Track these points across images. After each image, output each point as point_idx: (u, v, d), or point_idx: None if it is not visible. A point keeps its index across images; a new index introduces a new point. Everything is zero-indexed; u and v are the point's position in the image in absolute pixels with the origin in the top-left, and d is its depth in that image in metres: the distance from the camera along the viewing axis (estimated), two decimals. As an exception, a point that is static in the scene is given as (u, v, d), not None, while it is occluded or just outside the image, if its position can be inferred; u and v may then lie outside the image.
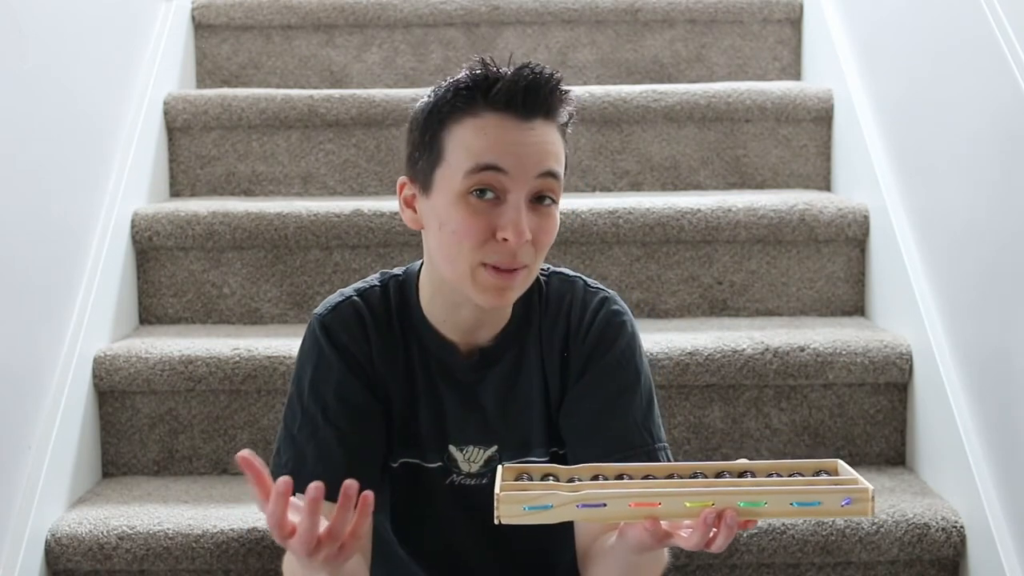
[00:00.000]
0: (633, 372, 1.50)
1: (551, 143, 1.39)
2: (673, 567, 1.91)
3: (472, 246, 1.37)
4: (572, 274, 1.56)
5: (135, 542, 1.90)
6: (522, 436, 1.52)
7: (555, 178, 1.39)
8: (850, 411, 2.17)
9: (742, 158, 2.70)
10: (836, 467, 1.25)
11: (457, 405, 1.51)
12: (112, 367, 2.15)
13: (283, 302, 2.42)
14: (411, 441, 1.52)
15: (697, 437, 2.16)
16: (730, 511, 1.18)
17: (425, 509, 1.55)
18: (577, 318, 1.51)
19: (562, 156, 1.41)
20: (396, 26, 2.98)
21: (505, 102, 1.37)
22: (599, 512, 1.20)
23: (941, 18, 2.14)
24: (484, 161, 1.36)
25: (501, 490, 1.20)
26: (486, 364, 1.51)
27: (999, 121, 1.88)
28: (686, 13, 2.97)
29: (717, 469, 1.26)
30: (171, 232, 2.39)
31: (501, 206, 1.37)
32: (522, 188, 1.37)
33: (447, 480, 1.53)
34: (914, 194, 2.24)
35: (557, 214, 1.42)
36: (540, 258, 1.42)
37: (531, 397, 1.51)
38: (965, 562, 1.91)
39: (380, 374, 1.50)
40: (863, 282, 2.43)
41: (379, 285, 1.53)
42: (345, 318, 1.50)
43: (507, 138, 1.37)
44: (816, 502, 1.17)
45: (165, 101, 2.69)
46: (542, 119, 1.39)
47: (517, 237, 1.35)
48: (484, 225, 1.37)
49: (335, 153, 2.70)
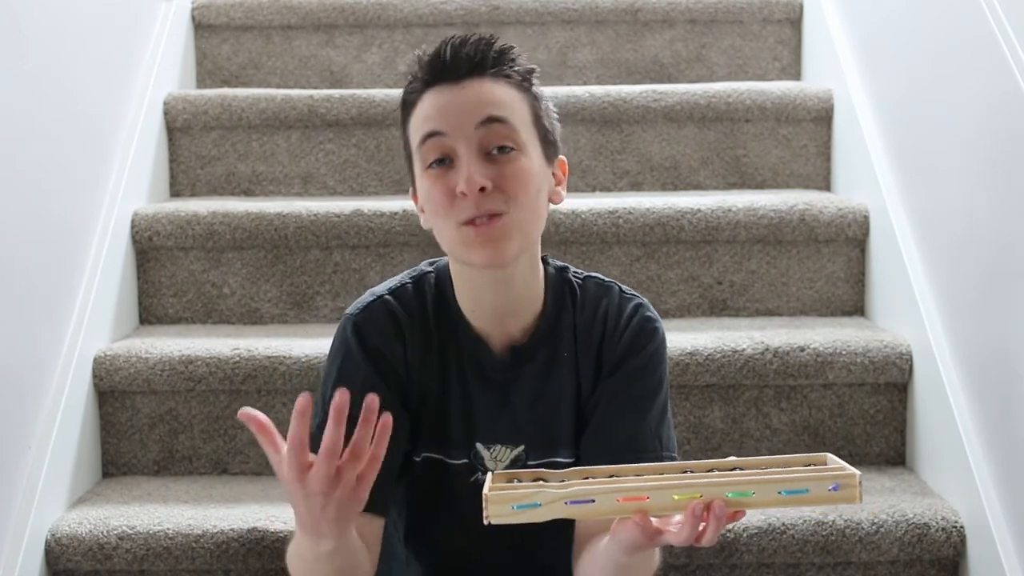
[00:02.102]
0: (656, 380, 1.52)
1: (487, 93, 1.43)
2: (673, 567, 1.91)
3: (444, 211, 1.42)
4: (607, 280, 1.57)
5: (135, 542, 1.90)
6: (550, 436, 1.53)
7: (502, 123, 1.43)
8: (850, 411, 2.17)
9: (742, 158, 2.70)
10: (825, 459, 1.25)
11: (488, 403, 1.53)
12: (112, 367, 2.15)
13: (283, 302, 2.42)
14: (438, 437, 1.54)
15: (697, 437, 2.16)
16: (718, 502, 1.18)
17: (444, 506, 1.56)
18: (613, 322, 1.52)
19: (513, 104, 1.44)
20: (396, 26, 2.98)
21: (436, 76, 1.45)
22: (588, 508, 1.20)
23: (941, 18, 2.14)
24: (425, 131, 1.43)
25: (489, 490, 1.20)
26: (519, 362, 1.52)
27: (999, 121, 1.88)
28: (686, 13, 2.97)
29: (707, 466, 1.26)
30: (171, 232, 2.39)
31: (455, 166, 1.42)
32: (465, 143, 1.41)
33: (471, 478, 1.53)
34: (914, 194, 2.24)
35: (525, 161, 1.44)
36: (521, 207, 1.43)
37: (562, 397, 1.53)
38: (965, 562, 1.91)
39: (413, 373, 1.52)
40: (863, 282, 2.43)
41: (411, 283, 1.55)
42: (378, 318, 1.51)
43: (440, 103, 1.43)
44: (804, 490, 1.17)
45: (165, 101, 2.69)
46: (476, 77, 1.44)
47: (469, 187, 1.39)
48: (446, 188, 1.42)
49: (335, 153, 2.70)
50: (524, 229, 1.44)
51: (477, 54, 1.44)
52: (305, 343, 2.17)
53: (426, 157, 1.43)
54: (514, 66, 1.46)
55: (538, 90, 1.49)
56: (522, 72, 1.47)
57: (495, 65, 1.45)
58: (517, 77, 1.46)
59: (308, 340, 2.19)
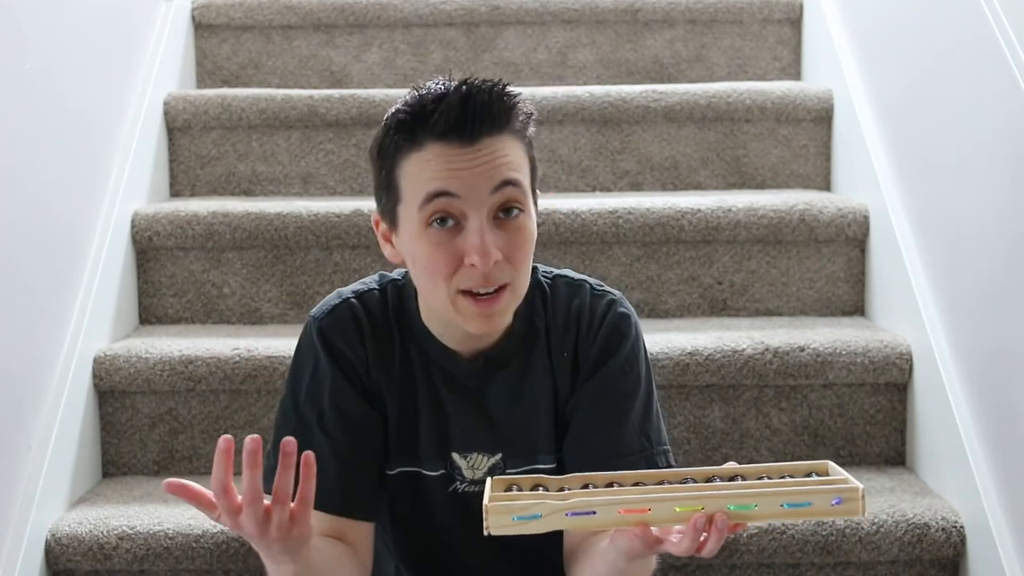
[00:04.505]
0: (635, 377, 1.49)
1: (502, 154, 1.35)
2: (673, 567, 1.91)
3: (443, 278, 1.35)
4: (577, 277, 1.53)
5: (135, 542, 1.90)
6: (529, 442, 1.50)
7: (515, 186, 1.35)
8: (850, 411, 2.17)
9: (742, 158, 2.70)
10: (826, 468, 1.24)
11: (461, 411, 1.50)
12: (112, 367, 2.15)
13: (283, 302, 2.42)
14: (409, 449, 1.51)
15: (697, 437, 2.16)
16: (720, 515, 1.17)
17: (424, 518, 1.53)
18: (587, 323, 1.49)
19: (522, 161, 1.38)
20: (396, 26, 2.98)
21: (443, 132, 1.33)
22: (589, 520, 1.20)
23: (941, 18, 2.14)
24: (433, 189, 1.33)
25: (490, 501, 1.20)
26: (492, 368, 1.49)
27: (999, 121, 1.88)
28: (686, 13, 2.97)
29: (707, 474, 1.26)
30: (171, 232, 2.39)
31: (463, 231, 1.34)
32: (479, 208, 1.34)
33: (449, 488, 1.51)
34: (914, 194, 2.25)
35: (529, 222, 1.38)
36: (522, 272, 1.38)
37: (539, 402, 1.50)
38: (965, 562, 1.91)
39: (375, 381, 1.48)
40: (863, 282, 2.43)
41: (378, 288, 1.51)
42: (342, 322, 1.48)
43: (452, 165, 1.33)
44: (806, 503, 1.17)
45: (165, 101, 2.69)
46: (487, 136, 1.35)
47: (484, 260, 1.32)
48: (450, 254, 1.34)
49: (335, 153, 2.70)
50: (520, 293, 1.40)
51: (492, 112, 1.34)
52: (305, 343, 2.17)
53: (429, 215, 1.34)
54: (523, 118, 1.39)
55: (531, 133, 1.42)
56: (526, 120, 1.39)
57: (508, 120, 1.36)
58: (524, 128, 1.39)
59: (308, 340, 2.19)
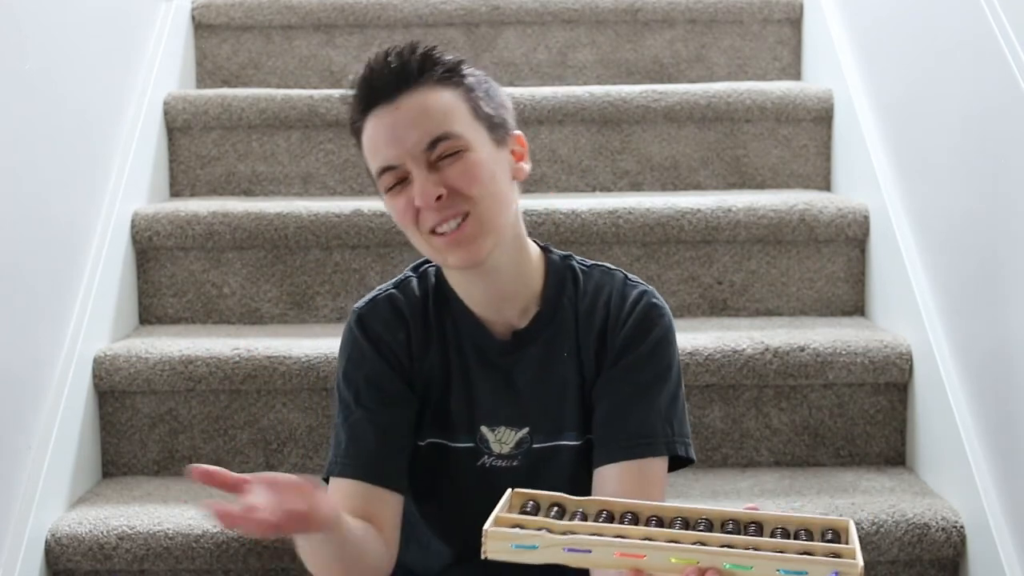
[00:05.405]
0: (664, 364, 1.53)
1: (423, 107, 1.45)
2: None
3: (411, 225, 1.47)
4: (613, 267, 1.60)
5: (135, 542, 1.90)
6: (554, 419, 1.55)
7: (446, 139, 1.44)
8: (850, 411, 2.17)
9: (742, 158, 2.70)
10: (847, 527, 1.24)
11: (490, 386, 1.55)
12: (112, 367, 2.15)
13: (283, 302, 2.42)
14: (441, 422, 1.56)
15: (697, 437, 2.16)
16: (713, 572, 1.18)
17: (450, 490, 1.58)
18: (616, 307, 1.54)
19: (450, 108, 1.46)
20: (396, 26, 2.98)
21: (372, 98, 1.46)
22: (585, 558, 1.22)
23: (941, 18, 2.14)
24: (378, 166, 1.47)
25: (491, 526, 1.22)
26: (520, 345, 1.55)
27: (999, 121, 1.88)
28: (686, 13, 2.97)
29: (725, 517, 1.27)
30: (171, 232, 2.39)
31: (409, 181, 1.46)
32: (416, 161, 1.44)
33: (477, 462, 1.55)
34: (914, 194, 2.24)
35: (475, 155, 1.45)
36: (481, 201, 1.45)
37: (566, 381, 1.54)
38: (965, 562, 1.91)
39: (417, 361, 1.55)
40: (863, 282, 2.43)
41: (414, 276, 1.60)
42: (381, 310, 1.57)
43: (382, 130, 1.46)
44: (803, 572, 1.17)
45: (165, 101, 2.69)
46: (407, 90, 1.45)
47: (424, 200, 1.43)
48: (406, 203, 1.46)
49: (335, 153, 2.70)
50: (492, 220, 1.47)
51: (401, 66, 1.45)
52: (305, 343, 2.17)
53: (385, 187, 1.48)
54: (440, 66, 1.47)
55: (472, 79, 1.49)
56: (450, 68, 1.47)
57: (421, 72, 1.45)
58: (446, 75, 1.47)
59: (308, 340, 2.19)
